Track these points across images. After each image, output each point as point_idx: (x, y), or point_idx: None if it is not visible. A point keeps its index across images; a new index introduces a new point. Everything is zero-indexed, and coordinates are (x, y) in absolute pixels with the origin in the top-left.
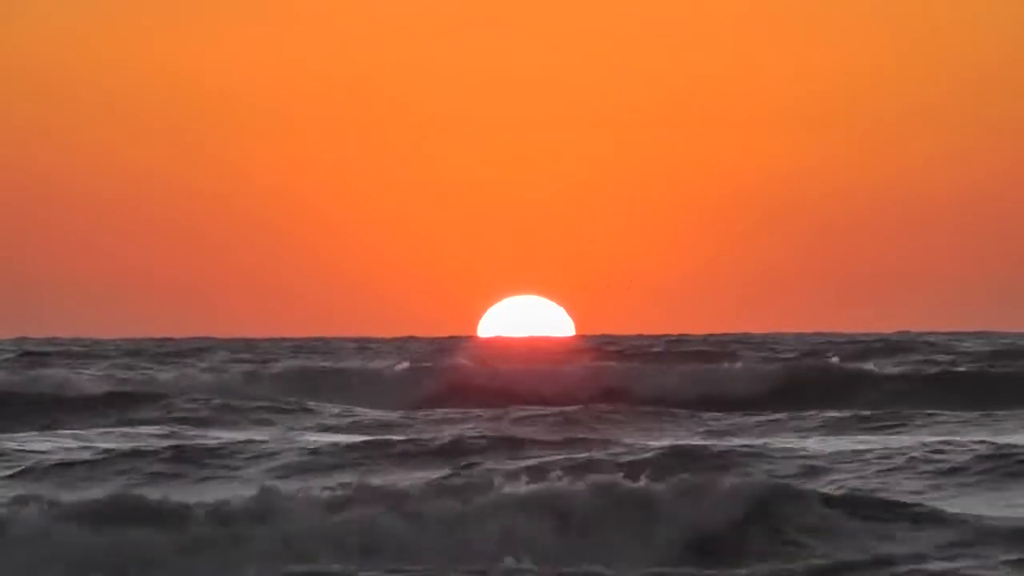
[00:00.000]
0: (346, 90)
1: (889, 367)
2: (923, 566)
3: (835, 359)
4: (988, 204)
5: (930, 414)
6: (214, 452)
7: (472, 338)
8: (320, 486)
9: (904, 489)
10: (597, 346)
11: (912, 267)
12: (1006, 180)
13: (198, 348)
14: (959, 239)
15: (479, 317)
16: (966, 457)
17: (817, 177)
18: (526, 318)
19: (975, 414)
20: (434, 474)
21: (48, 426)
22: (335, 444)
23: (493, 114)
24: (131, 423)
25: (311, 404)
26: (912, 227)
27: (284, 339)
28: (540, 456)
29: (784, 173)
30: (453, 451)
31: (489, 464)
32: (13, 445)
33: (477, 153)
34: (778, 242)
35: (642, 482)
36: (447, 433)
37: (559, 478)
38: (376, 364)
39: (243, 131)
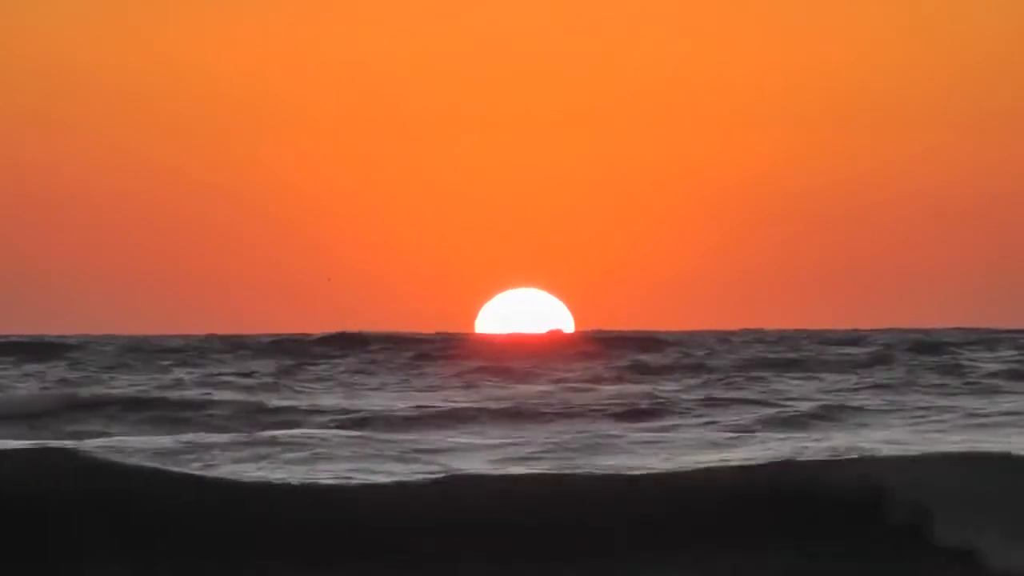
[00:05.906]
0: (345, 87)
1: None
2: None
3: None
4: (977, 200)
5: None
6: None
7: (469, 334)
8: None
9: None
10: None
11: (904, 263)
12: (996, 176)
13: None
14: (948, 235)
15: (478, 310)
16: None
17: (820, 173)
18: (524, 312)
19: None
20: None
21: None
22: None
23: (493, 111)
24: None
25: None
26: (905, 224)
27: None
28: None
29: (788, 169)
30: None
31: None
32: None
33: (475, 148)
34: (778, 237)
35: None
36: None
37: None
38: None
39: (242, 127)
